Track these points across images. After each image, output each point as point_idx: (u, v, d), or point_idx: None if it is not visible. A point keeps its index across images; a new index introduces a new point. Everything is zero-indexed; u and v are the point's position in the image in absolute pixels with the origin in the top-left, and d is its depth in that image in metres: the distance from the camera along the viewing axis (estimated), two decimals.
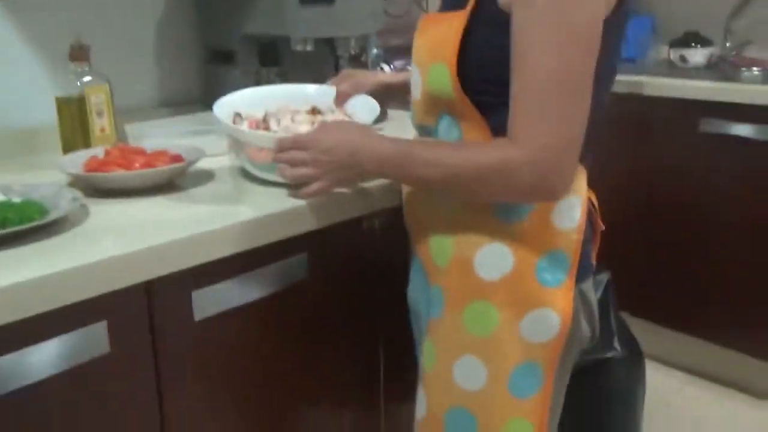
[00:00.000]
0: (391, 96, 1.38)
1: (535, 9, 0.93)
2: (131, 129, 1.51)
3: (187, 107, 1.79)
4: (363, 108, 1.33)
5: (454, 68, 1.01)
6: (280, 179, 1.21)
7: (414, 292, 1.21)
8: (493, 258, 1.06)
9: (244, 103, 1.33)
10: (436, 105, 1.07)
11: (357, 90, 1.36)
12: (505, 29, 0.96)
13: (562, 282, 1.06)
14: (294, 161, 1.13)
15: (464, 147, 1.02)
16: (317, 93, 1.39)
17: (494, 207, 1.05)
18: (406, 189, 1.19)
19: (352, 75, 1.39)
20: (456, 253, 1.09)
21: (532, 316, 1.06)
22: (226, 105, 1.31)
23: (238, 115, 1.31)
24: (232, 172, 1.37)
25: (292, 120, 1.29)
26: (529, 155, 0.95)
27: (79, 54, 1.42)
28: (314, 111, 1.32)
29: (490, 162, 0.97)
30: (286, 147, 1.14)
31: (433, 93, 1.05)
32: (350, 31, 1.72)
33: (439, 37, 1.03)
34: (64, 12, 1.60)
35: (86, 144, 1.42)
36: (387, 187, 1.28)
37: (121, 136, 1.50)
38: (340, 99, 1.37)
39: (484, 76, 1.00)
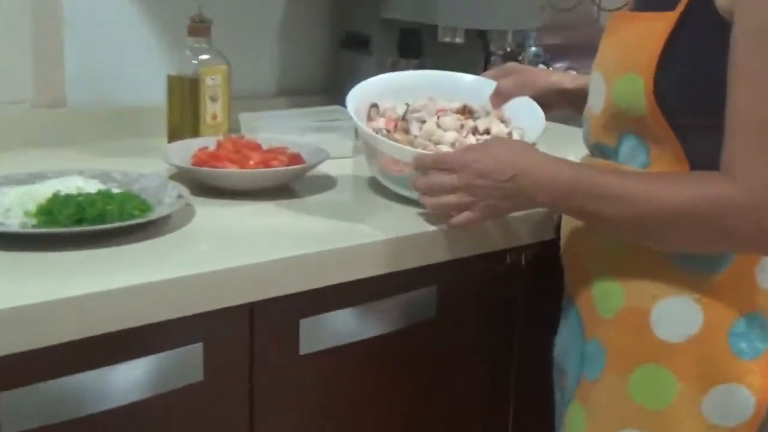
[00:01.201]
0: (562, 104, 1.35)
1: (765, 18, 0.89)
2: (246, 119, 1.52)
3: (308, 98, 1.80)
4: (527, 115, 1.29)
5: (651, 81, 0.97)
6: (414, 196, 1.19)
7: (563, 343, 1.17)
8: (677, 314, 1.01)
9: (384, 91, 1.32)
10: (621, 122, 1.03)
11: (522, 90, 1.33)
12: (721, 39, 0.93)
13: (762, 353, 1.00)
14: (438, 187, 1.11)
15: (663, 180, 0.98)
16: (472, 86, 1.36)
17: (681, 252, 1.01)
18: (566, 219, 1.16)
19: (518, 71, 1.36)
20: (627, 302, 1.05)
21: (720, 391, 1.00)
22: (361, 93, 1.29)
23: (374, 106, 1.30)
24: (358, 181, 1.36)
25: (438, 123, 1.26)
26: (755, 196, 0.90)
27: (199, 29, 1.45)
28: (465, 111, 1.30)
29: (699, 202, 0.93)
30: (427, 166, 1.13)
31: (620, 108, 1.02)
32: (509, 24, 1.69)
33: (634, 42, 1.00)
34: None
35: (195, 132, 1.45)
36: (540, 216, 1.25)
37: (233, 126, 1.52)
38: (500, 98, 1.33)
39: (688, 94, 0.97)
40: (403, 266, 1.13)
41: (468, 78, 1.38)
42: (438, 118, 1.27)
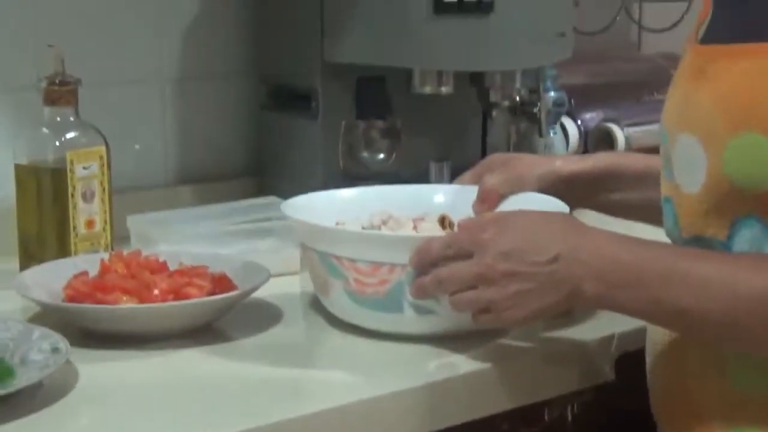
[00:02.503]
0: (576, 199, 1.40)
1: None
2: (137, 225, 1.56)
3: (224, 186, 1.85)
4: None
5: None
6: (403, 328, 1.25)
7: None
8: None
9: (326, 212, 1.38)
10: (737, 203, 1.08)
11: (517, 187, 1.39)
12: None
13: None
14: (453, 281, 1.15)
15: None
16: (447, 200, 1.44)
17: None
18: (656, 347, 1.19)
19: (505, 162, 1.42)
20: None
21: None
22: (298, 211, 1.35)
23: None
24: (312, 307, 1.39)
25: (415, 229, 1.34)
26: None
27: (59, 94, 1.47)
28: (445, 223, 1.37)
29: None
30: (435, 254, 1.16)
31: (737, 183, 1.06)
32: (517, 61, 1.74)
33: (748, 88, 1.05)
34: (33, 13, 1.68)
35: (62, 247, 1.47)
36: (592, 347, 1.29)
37: (118, 236, 1.54)
38: (486, 203, 1.39)
39: None
40: None
41: (440, 191, 1.47)
42: (414, 226, 1.35)
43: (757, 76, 1.05)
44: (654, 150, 1.31)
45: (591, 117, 2.10)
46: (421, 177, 1.73)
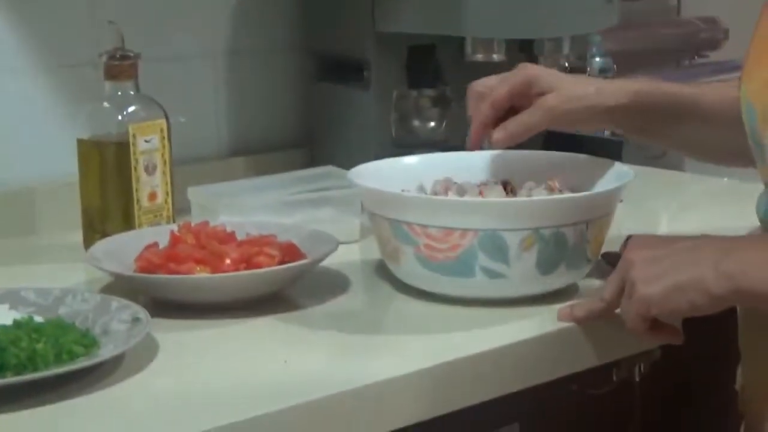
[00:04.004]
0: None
1: None
2: (198, 196, 1.57)
3: (278, 156, 1.87)
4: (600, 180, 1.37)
5: None
6: (474, 292, 1.27)
7: None
8: None
9: (391, 179, 1.38)
10: None
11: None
12: None
13: None
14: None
15: None
16: (510, 165, 1.45)
17: None
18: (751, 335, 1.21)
19: (532, 80, 1.40)
20: None
21: None
22: (364, 179, 1.36)
23: None
24: (376, 275, 1.40)
25: (482, 194, 1.35)
26: None
27: (121, 68, 1.49)
28: (507, 188, 1.39)
29: None
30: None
31: None
32: (566, 27, 1.75)
33: None
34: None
35: (126, 220, 1.48)
36: None
37: (179, 208, 1.56)
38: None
39: None
40: (468, 401, 1.16)
41: (502, 158, 1.47)
42: (480, 192, 1.36)
43: None
44: None
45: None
46: None
